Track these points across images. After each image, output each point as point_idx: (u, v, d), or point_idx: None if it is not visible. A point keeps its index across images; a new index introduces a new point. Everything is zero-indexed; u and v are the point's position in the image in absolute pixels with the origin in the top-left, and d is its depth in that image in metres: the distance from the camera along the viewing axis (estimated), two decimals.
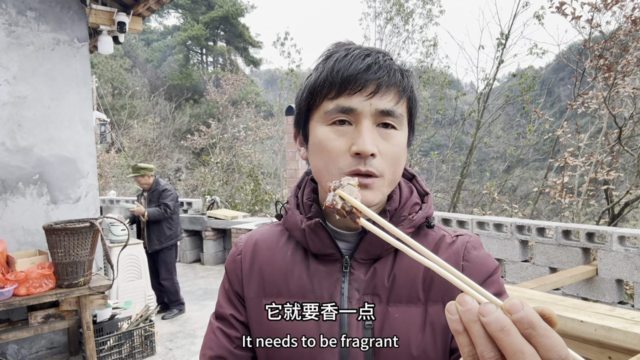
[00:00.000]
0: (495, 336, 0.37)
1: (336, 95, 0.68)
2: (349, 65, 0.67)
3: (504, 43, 9.83)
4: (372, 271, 0.72)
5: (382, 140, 0.68)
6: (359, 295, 0.71)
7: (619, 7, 6.69)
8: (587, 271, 4.07)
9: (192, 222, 7.83)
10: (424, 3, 11.72)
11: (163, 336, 4.37)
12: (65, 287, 3.17)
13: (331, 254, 0.74)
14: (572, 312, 2.26)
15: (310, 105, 0.73)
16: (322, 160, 0.70)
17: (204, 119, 18.19)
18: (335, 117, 0.68)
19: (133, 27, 4.48)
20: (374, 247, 0.72)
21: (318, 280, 0.73)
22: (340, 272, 0.73)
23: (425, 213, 0.76)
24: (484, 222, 5.21)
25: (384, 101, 0.68)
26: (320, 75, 0.70)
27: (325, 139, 0.69)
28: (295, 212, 0.78)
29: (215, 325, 0.80)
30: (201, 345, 0.82)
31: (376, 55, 0.69)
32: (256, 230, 0.86)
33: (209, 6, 28.43)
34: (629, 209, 7.57)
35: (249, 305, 0.78)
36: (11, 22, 3.50)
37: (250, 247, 0.82)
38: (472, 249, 0.75)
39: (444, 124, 12.51)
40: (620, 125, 6.80)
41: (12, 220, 3.55)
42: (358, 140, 0.66)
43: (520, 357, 0.35)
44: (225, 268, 0.85)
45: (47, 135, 3.69)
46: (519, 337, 0.36)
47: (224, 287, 0.83)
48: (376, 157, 0.67)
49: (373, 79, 0.67)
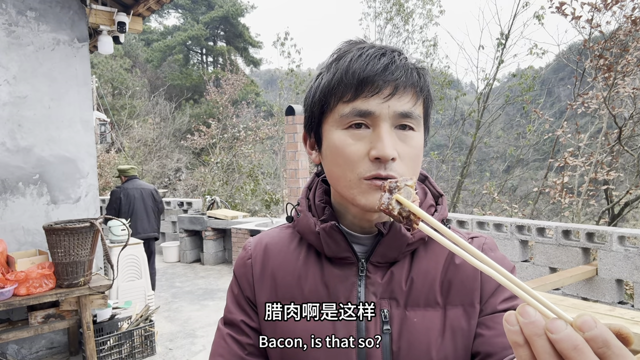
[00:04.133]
0: (566, 354, 0.35)
1: (352, 97, 0.66)
2: (365, 66, 0.65)
3: (504, 43, 9.83)
4: (389, 275, 0.71)
5: (401, 143, 0.66)
6: (376, 299, 0.70)
7: (619, 7, 6.69)
8: (587, 271, 4.07)
9: (192, 222, 7.82)
10: (424, 3, 11.72)
11: (163, 336, 4.37)
12: (65, 287, 3.17)
13: (347, 258, 0.72)
14: (572, 312, 2.26)
15: (323, 108, 0.70)
16: (339, 166, 0.68)
17: (204, 119, 18.18)
18: (352, 121, 0.66)
19: (133, 27, 4.48)
20: (390, 251, 0.70)
21: (333, 284, 0.72)
22: (356, 276, 0.71)
23: (441, 215, 0.74)
24: (483, 222, 5.21)
25: (402, 102, 0.66)
26: (334, 77, 0.67)
27: (342, 143, 0.67)
28: (307, 215, 0.75)
29: (225, 332, 0.78)
30: (210, 352, 0.80)
31: (391, 54, 0.67)
32: (265, 233, 0.84)
33: (209, 6, 28.43)
34: (629, 209, 7.58)
35: (260, 310, 0.76)
36: (11, 22, 3.50)
37: (261, 250, 0.80)
38: (489, 250, 0.74)
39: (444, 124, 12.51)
40: (620, 125, 6.80)
41: (12, 220, 3.55)
42: (377, 145, 0.64)
43: None
44: (234, 273, 0.83)
45: (47, 135, 3.69)
46: (593, 356, 0.34)
47: (233, 292, 0.81)
48: (396, 161, 0.65)
49: (390, 80, 0.65)
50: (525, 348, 0.37)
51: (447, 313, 0.69)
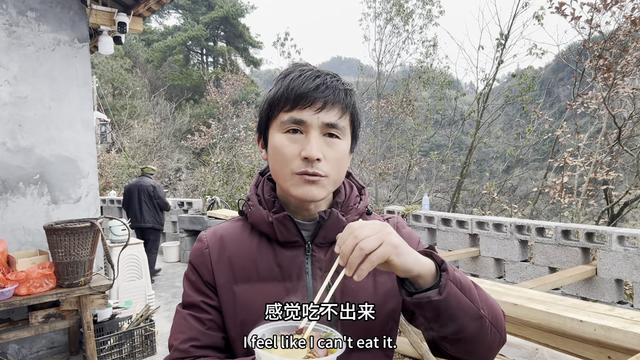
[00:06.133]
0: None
1: (290, 108, 0.82)
2: (302, 85, 0.81)
3: (503, 43, 9.83)
4: (330, 252, 0.88)
5: (327, 147, 0.82)
6: (321, 272, 0.85)
7: (619, 7, 6.70)
8: (586, 271, 4.08)
9: (192, 222, 7.83)
10: (424, 3, 11.72)
11: (163, 336, 4.38)
12: (65, 287, 3.18)
13: (296, 241, 0.87)
14: (571, 312, 2.27)
15: (269, 115, 0.86)
16: (278, 163, 0.84)
17: (204, 119, 18.19)
18: (289, 127, 0.82)
19: (133, 27, 4.49)
20: (331, 233, 0.87)
21: (286, 263, 0.86)
22: (304, 255, 0.87)
23: (365, 203, 0.94)
24: (483, 222, 5.21)
25: (329, 115, 0.81)
26: (278, 91, 0.83)
27: (281, 144, 0.83)
28: (259, 208, 0.89)
29: (185, 313, 0.87)
30: (170, 333, 0.88)
31: (325, 77, 0.83)
32: (218, 226, 0.95)
33: (209, 6, 28.44)
34: (629, 209, 7.58)
35: (220, 291, 0.87)
36: (12, 23, 3.51)
37: (217, 240, 0.91)
38: (401, 227, 0.96)
39: (444, 124, 12.52)
40: (620, 126, 6.81)
41: (12, 220, 3.55)
42: (307, 147, 0.80)
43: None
44: (190, 262, 0.92)
45: (47, 135, 3.69)
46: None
47: (190, 279, 0.90)
48: (322, 161, 0.81)
49: (321, 97, 0.81)
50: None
51: (376, 279, 0.87)
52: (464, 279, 0.76)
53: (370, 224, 0.70)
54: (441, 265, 0.73)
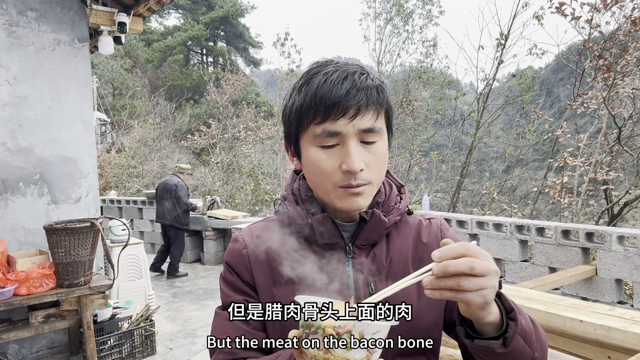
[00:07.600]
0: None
1: (322, 120, 0.75)
2: (330, 92, 0.74)
3: (503, 43, 9.83)
4: (372, 255, 0.84)
5: (368, 154, 0.77)
6: (363, 275, 0.82)
7: (619, 7, 6.70)
8: (586, 271, 4.08)
9: (192, 222, 7.82)
10: (424, 3, 11.73)
11: (163, 336, 4.38)
12: (65, 287, 3.18)
13: (336, 243, 0.84)
14: (571, 311, 2.27)
15: (299, 127, 0.80)
16: (317, 176, 0.79)
17: (204, 119, 18.18)
18: (323, 140, 0.76)
19: (133, 27, 4.49)
20: (372, 234, 0.84)
21: (326, 266, 0.82)
22: (345, 257, 0.84)
23: (405, 202, 0.90)
24: (483, 222, 5.21)
25: (365, 120, 0.75)
26: (304, 101, 0.77)
27: (317, 159, 0.77)
28: (297, 208, 0.85)
29: (227, 314, 0.80)
30: (211, 338, 0.79)
31: (352, 76, 0.76)
32: (253, 226, 0.92)
33: (209, 6, 28.43)
34: (628, 209, 7.58)
35: (260, 292, 0.84)
36: (12, 23, 3.51)
37: (254, 240, 0.88)
38: (445, 230, 0.93)
39: (444, 124, 12.52)
40: (620, 126, 6.81)
41: (12, 220, 3.55)
42: (347, 160, 0.75)
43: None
44: (227, 264, 0.88)
45: (47, 135, 3.69)
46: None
47: (228, 280, 0.87)
48: (364, 170, 0.76)
49: (353, 102, 0.74)
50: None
51: (420, 283, 0.78)
52: (528, 327, 0.70)
53: (489, 257, 0.61)
54: (510, 313, 0.67)
